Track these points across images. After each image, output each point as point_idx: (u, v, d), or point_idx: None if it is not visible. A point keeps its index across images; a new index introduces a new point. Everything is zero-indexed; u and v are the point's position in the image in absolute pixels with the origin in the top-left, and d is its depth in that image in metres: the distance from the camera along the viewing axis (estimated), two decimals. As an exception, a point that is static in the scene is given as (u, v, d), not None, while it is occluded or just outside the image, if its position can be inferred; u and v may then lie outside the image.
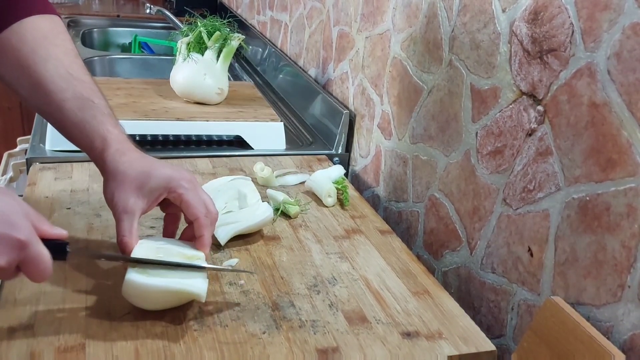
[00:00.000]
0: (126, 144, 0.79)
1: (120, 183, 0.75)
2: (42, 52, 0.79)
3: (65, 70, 0.80)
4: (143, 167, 0.76)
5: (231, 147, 1.32)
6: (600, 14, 0.66)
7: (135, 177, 0.75)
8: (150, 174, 0.76)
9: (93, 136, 0.78)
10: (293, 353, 0.70)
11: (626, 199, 0.64)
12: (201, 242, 0.77)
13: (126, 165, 0.76)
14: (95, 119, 0.78)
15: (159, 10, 2.35)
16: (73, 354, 0.67)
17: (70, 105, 0.78)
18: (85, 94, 0.79)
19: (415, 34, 1.06)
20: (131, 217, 0.75)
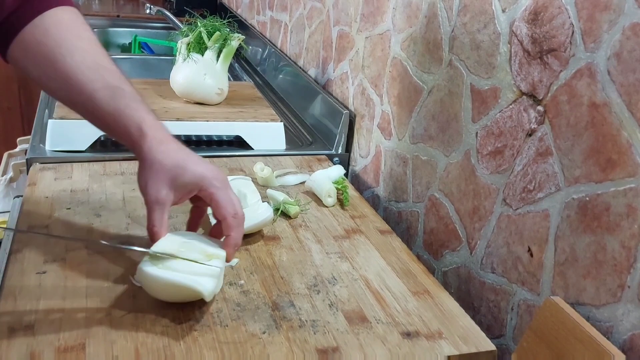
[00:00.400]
0: (163, 132, 0.79)
1: (155, 172, 0.76)
2: (67, 44, 0.79)
3: (93, 60, 0.80)
4: (179, 159, 0.77)
5: (231, 147, 1.32)
6: (600, 14, 0.66)
7: (170, 169, 0.76)
8: (186, 168, 0.76)
9: (129, 124, 0.77)
10: (293, 353, 0.70)
11: (626, 199, 0.64)
12: (227, 242, 0.78)
13: (163, 155, 0.76)
14: (129, 107, 0.78)
15: (159, 11, 2.35)
16: (73, 354, 0.67)
17: (102, 95, 0.78)
18: (115, 83, 0.79)
19: (415, 34, 1.06)
20: (162, 208, 0.76)
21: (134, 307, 0.75)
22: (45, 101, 1.47)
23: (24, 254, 0.83)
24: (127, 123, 0.78)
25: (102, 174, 1.10)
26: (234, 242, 0.78)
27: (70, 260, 0.83)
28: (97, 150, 1.20)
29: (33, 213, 0.94)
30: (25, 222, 0.92)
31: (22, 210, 0.95)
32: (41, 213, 0.95)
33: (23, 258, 0.82)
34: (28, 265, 0.81)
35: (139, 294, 0.77)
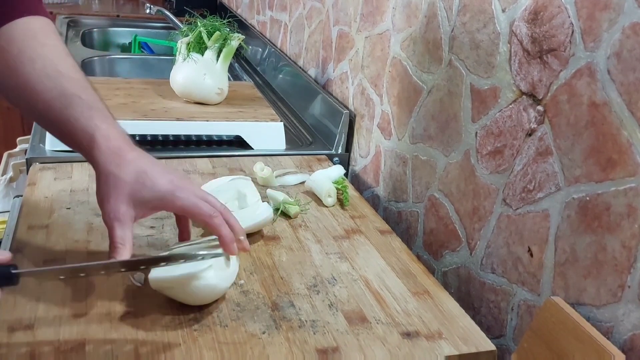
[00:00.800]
0: (118, 142, 0.73)
1: (111, 187, 0.71)
2: (30, 52, 0.76)
3: (54, 68, 0.75)
4: (136, 173, 0.71)
5: (231, 147, 1.32)
6: (600, 13, 0.66)
7: (127, 184, 0.71)
8: (144, 184, 0.71)
9: (80, 133, 0.73)
10: (293, 353, 0.70)
11: (626, 199, 0.64)
12: (222, 242, 0.74)
13: (118, 169, 0.71)
14: (83, 115, 0.73)
15: (159, 10, 2.35)
16: (73, 354, 0.67)
17: (57, 104, 0.74)
18: (72, 90, 0.74)
19: (415, 34, 1.06)
20: (122, 225, 0.71)
21: (134, 307, 0.75)
22: (45, 101, 1.47)
23: (24, 254, 0.83)
24: (79, 132, 0.73)
25: (102, 174, 1.10)
26: (229, 239, 0.73)
27: (69, 260, 0.83)
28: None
29: (33, 213, 0.94)
30: (25, 222, 0.92)
31: (22, 210, 0.95)
32: (41, 213, 0.95)
33: (23, 258, 0.82)
34: (28, 265, 0.81)
35: (139, 294, 0.77)
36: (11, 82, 0.76)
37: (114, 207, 0.71)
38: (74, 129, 0.73)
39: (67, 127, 0.74)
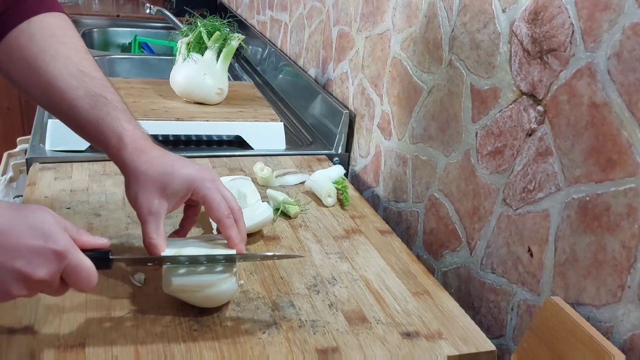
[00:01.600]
0: (143, 141, 0.76)
1: (143, 184, 0.74)
2: (51, 50, 0.78)
3: (76, 67, 0.78)
4: (164, 167, 0.74)
5: (231, 147, 1.32)
6: (601, 14, 0.66)
7: (157, 178, 0.73)
8: (173, 174, 0.74)
9: (108, 134, 0.76)
10: (293, 353, 0.70)
11: (626, 199, 0.64)
12: (230, 243, 0.75)
13: (147, 166, 0.74)
14: (109, 115, 0.76)
15: (159, 10, 2.35)
16: (73, 354, 0.67)
17: (83, 103, 0.76)
18: (97, 91, 0.77)
19: (415, 34, 1.06)
20: (157, 219, 0.74)
21: (134, 307, 0.75)
22: (45, 101, 1.47)
23: (24, 254, 0.83)
24: (107, 133, 0.76)
25: (102, 173, 1.10)
26: (237, 241, 0.75)
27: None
28: (97, 150, 1.19)
29: (33, 213, 0.94)
30: (25, 222, 0.91)
31: (21, 210, 0.95)
32: (41, 213, 0.94)
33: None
34: (28, 265, 0.81)
35: (139, 294, 0.77)
36: (35, 80, 0.78)
37: (147, 202, 0.73)
38: (101, 130, 0.76)
39: (94, 128, 0.77)
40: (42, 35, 0.79)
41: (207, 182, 0.75)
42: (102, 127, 0.76)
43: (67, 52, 0.79)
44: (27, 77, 0.79)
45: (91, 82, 0.78)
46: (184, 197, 0.75)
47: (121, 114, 0.77)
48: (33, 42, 0.78)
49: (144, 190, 0.74)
